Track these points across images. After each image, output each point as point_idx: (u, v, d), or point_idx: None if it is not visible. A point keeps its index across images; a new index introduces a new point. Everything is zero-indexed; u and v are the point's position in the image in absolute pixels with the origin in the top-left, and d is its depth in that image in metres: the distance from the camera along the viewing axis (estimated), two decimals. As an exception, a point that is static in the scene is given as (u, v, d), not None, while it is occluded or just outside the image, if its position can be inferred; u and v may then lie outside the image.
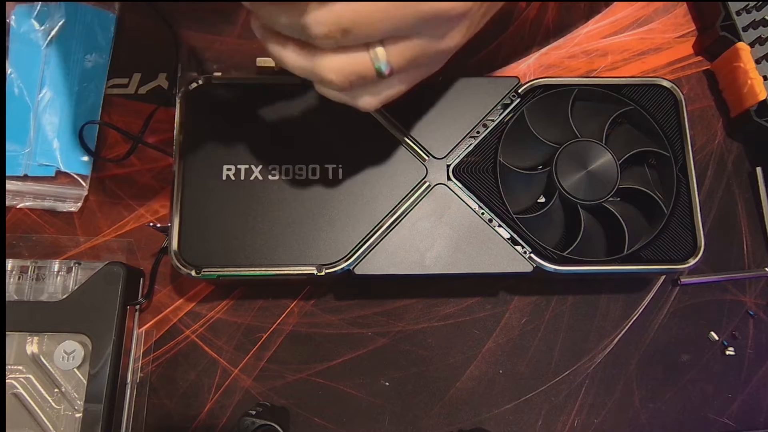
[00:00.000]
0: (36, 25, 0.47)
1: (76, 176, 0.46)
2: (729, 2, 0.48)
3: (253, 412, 0.39)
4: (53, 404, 0.41)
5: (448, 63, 0.34)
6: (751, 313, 0.46)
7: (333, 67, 0.29)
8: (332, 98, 0.33)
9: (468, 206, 0.42)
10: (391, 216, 0.41)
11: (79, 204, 0.45)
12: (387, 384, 0.44)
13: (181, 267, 0.39)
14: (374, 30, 0.28)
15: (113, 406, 0.40)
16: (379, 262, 0.40)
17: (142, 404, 0.43)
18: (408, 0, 0.27)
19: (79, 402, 0.40)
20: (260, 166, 0.41)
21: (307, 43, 0.29)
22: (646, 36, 0.51)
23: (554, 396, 0.44)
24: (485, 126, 0.43)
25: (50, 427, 0.40)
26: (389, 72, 0.30)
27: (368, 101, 0.32)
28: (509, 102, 0.43)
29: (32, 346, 0.41)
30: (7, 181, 0.45)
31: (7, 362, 0.40)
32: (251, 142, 0.42)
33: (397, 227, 0.41)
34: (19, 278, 0.42)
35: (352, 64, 0.29)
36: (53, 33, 0.47)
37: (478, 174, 0.42)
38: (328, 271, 0.40)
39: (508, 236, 0.41)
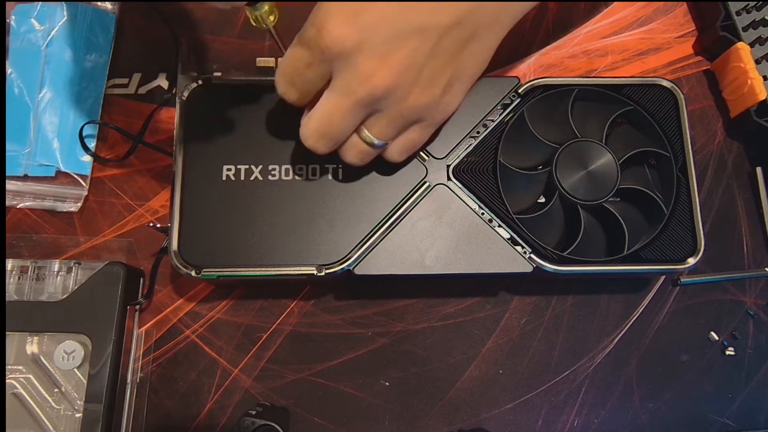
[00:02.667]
0: (36, 25, 0.47)
1: (76, 176, 0.46)
2: (729, 2, 0.48)
3: (253, 412, 0.39)
4: (53, 404, 0.41)
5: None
6: (751, 313, 0.46)
7: (345, 155, 0.37)
8: None
9: (468, 206, 0.42)
10: (391, 216, 0.41)
11: (79, 204, 0.45)
12: (387, 384, 0.44)
13: (181, 267, 0.39)
14: (344, 125, 0.34)
15: (113, 406, 0.40)
16: (379, 262, 0.40)
17: (142, 404, 0.43)
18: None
19: (79, 402, 0.40)
20: (260, 166, 0.41)
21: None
22: (646, 36, 0.51)
23: (554, 396, 0.44)
24: (485, 126, 0.43)
25: (50, 427, 0.40)
26: (383, 143, 0.36)
27: (391, 157, 0.39)
28: (509, 102, 0.43)
29: (32, 346, 0.41)
30: (7, 181, 0.45)
31: (7, 362, 0.41)
32: (251, 142, 0.42)
33: (397, 227, 0.41)
34: (19, 278, 0.42)
35: (354, 149, 0.36)
36: (53, 33, 0.47)
37: (478, 174, 0.42)
38: (328, 271, 0.40)
39: (508, 236, 0.41)
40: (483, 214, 0.42)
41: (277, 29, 0.37)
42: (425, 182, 0.42)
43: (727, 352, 0.46)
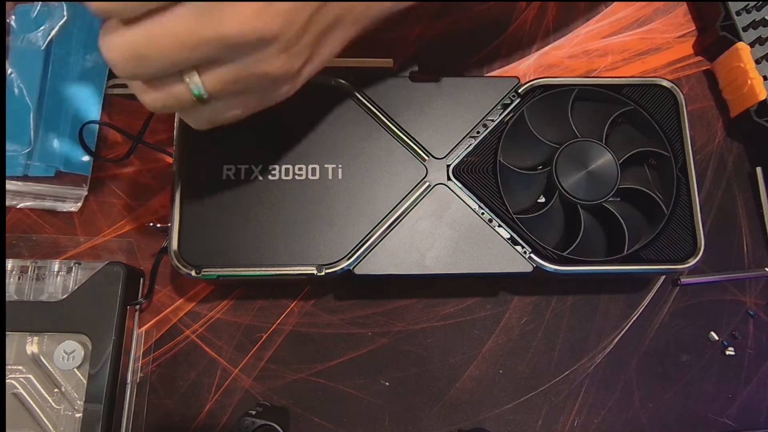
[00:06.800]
0: (36, 25, 0.47)
1: (76, 176, 0.46)
2: (729, 2, 0.48)
3: (253, 412, 0.39)
4: (53, 404, 0.41)
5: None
6: (751, 313, 0.46)
7: (148, 96, 0.30)
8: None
9: (468, 206, 0.42)
10: (391, 216, 0.41)
11: (79, 204, 0.45)
12: (387, 384, 0.44)
13: (181, 267, 0.39)
14: (173, 59, 0.27)
15: (113, 406, 0.40)
16: (379, 262, 0.40)
17: (142, 404, 0.43)
18: (202, 27, 0.26)
19: (79, 402, 0.40)
20: (260, 166, 0.41)
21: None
22: (646, 36, 0.51)
23: (554, 396, 0.44)
24: (485, 126, 0.43)
25: (50, 427, 0.40)
26: (208, 97, 0.29)
27: (195, 123, 0.33)
28: (509, 102, 0.43)
29: (32, 346, 0.41)
30: (7, 181, 0.45)
31: (7, 362, 0.40)
32: (251, 142, 0.42)
33: (397, 227, 0.41)
34: (19, 278, 0.42)
35: (168, 95, 0.29)
36: (53, 33, 0.47)
37: (478, 174, 0.42)
38: (328, 271, 0.40)
39: (508, 236, 0.41)
40: (483, 214, 0.42)
41: None
42: (425, 182, 0.42)
43: (727, 352, 0.46)
